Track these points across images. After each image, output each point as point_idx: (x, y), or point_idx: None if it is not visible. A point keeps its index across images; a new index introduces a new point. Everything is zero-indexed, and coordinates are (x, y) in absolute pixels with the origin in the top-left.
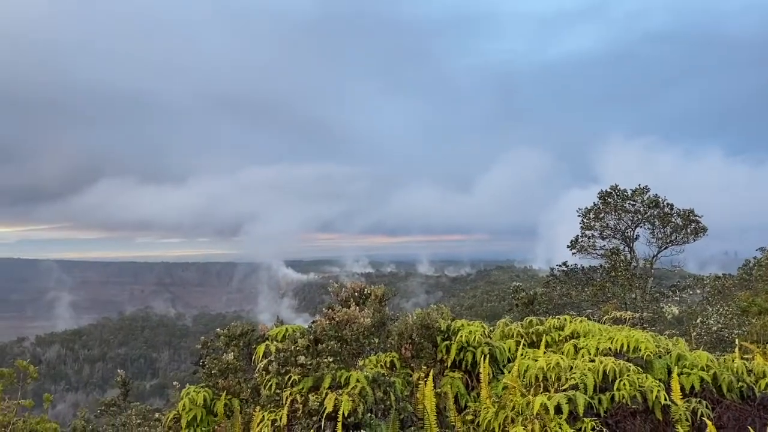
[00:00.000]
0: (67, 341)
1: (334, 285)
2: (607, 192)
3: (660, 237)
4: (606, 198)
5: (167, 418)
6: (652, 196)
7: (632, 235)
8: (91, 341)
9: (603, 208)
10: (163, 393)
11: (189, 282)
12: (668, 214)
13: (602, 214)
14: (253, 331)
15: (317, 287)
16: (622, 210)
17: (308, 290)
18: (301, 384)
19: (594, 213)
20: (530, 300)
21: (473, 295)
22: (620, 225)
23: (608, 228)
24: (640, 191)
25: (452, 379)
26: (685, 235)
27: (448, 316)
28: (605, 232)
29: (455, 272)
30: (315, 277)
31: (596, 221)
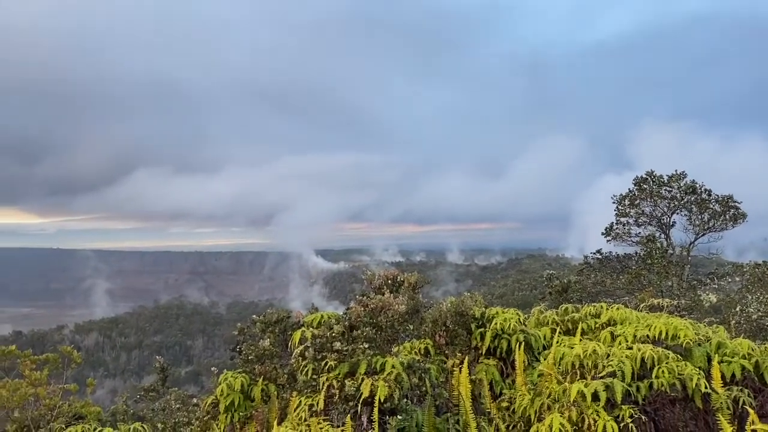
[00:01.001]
0: (105, 329)
1: (368, 272)
2: (643, 178)
3: (697, 224)
4: (641, 184)
5: (206, 403)
6: (689, 182)
7: (668, 221)
8: (127, 329)
9: (638, 195)
10: (198, 380)
11: (222, 271)
12: (706, 200)
13: (637, 200)
14: (289, 317)
15: (347, 276)
16: (658, 196)
17: (338, 279)
18: (338, 370)
19: (629, 199)
20: (564, 288)
21: (504, 283)
22: (656, 212)
23: (644, 215)
24: (676, 177)
25: (487, 366)
26: (724, 222)
27: (481, 303)
28: (641, 219)
29: (485, 261)
30: (345, 266)
31: (631, 208)
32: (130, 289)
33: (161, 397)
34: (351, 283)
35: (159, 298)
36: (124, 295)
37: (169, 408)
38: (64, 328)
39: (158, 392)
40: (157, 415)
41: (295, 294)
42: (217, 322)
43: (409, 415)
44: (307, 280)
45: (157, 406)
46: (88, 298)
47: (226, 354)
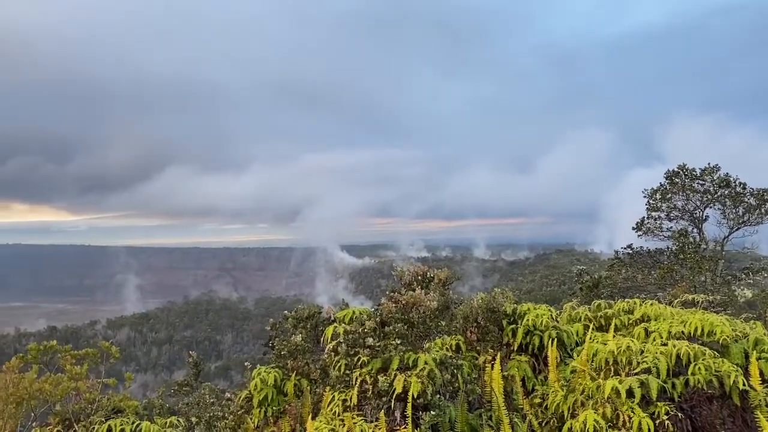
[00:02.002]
0: (136, 324)
1: (398, 269)
2: (675, 171)
3: (731, 218)
4: (673, 178)
5: (239, 398)
6: (723, 175)
7: (701, 216)
8: (158, 324)
9: (670, 189)
10: (227, 374)
11: (250, 267)
12: (740, 193)
13: (669, 194)
14: (320, 313)
15: (373, 271)
16: (691, 190)
17: (364, 274)
18: (370, 365)
19: (660, 193)
20: (594, 284)
21: (532, 279)
22: (688, 206)
23: (676, 209)
24: (709, 170)
25: (519, 362)
26: (759, 216)
27: (511, 299)
28: (672, 213)
29: (513, 256)
30: (371, 262)
31: (663, 202)
32: (160, 285)
33: (194, 391)
34: (377, 278)
35: (188, 293)
36: (154, 291)
37: (203, 402)
38: (97, 323)
39: (191, 386)
40: (191, 410)
41: (322, 289)
42: (245, 317)
43: (442, 410)
44: (333, 276)
45: (191, 400)
46: (120, 294)
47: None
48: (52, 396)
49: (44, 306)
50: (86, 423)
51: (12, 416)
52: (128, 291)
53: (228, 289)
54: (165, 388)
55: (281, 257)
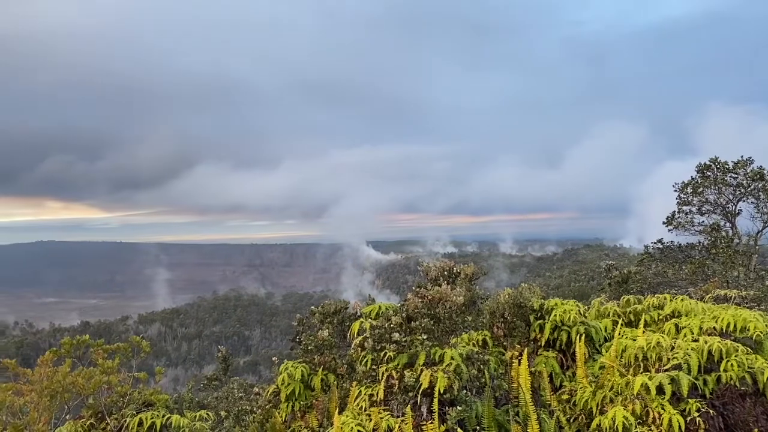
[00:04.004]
0: (166, 320)
1: (424, 264)
2: (706, 165)
3: (765, 212)
4: (705, 171)
5: (267, 392)
6: (757, 168)
7: (734, 210)
8: (187, 320)
9: (702, 182)
10: (256, 369)
11: (277, 263)
12: None
13: (701, 188)
14: (346, 309)
15: (399, 267)
16: (723, 183)
17: (391, 270)
18: (397, 360)
19: (692, 187)
20: (624, 279)
21: (560, 274)
22: (721, 199)
23: (707, 203)
24: (742, 163)
25: (546, 358)
26: None
27: (539, 295)
28: (704, 207)
29: (540, 251)
30: (397, 257)
31: (694, 196)
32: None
33: (223, 385)
34: (403, 274)
35: (217, 289)
36: (184, 287)
37: (232, 396)
38: (129, 318)
39: (221, 381)
40: (220, 404)
41: (348, 285)
42: (273, 312)
43: (469, 406)
44: (359, 272)
45: (220, 394)
46: (151, 289)
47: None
48: (85, 389)
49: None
50: (118, 416)
51: (47, 409)
52: (159, 286)
53: (256, 284)
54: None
55: (308, 253)
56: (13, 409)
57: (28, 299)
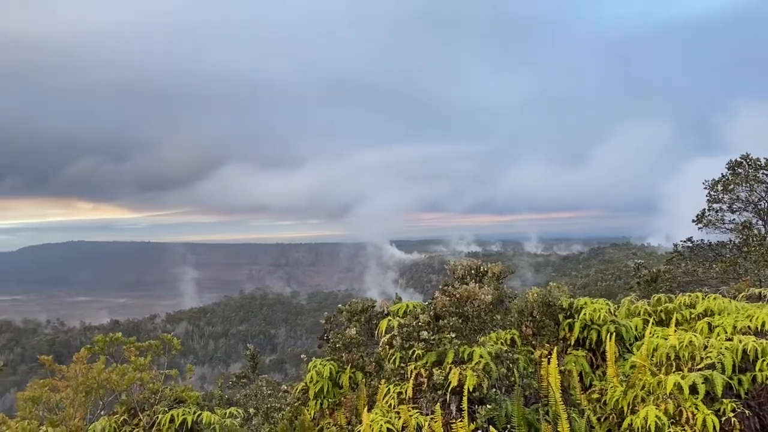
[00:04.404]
0: (194, 318)
1: (451, 262)
2: (737, 161)
3: None
4: (736, 168)
5: (296, 390)
6: None
7: (766, 207)
8: (214, 318)
9: (732, 179)
10: (282, 367)
11: (301, 262)
12: None
13: (732, 185)
14: (373, 307)
15: (423, 266)
16: (755, 180)
17: (414, 269)
18: (425, 358)
19: (722, 184)
20: (653, 278)
21: (586, 273)
22: (752, 197)
23: (738, 200)
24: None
25: (576, 357)
26: None
27: (567, 294)
28: (735, 205)
29: (566, 250)
30: (420, 257)
31: (725, 193)
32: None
33: (251, 383)
34: (427, 273)
35: (244, 288)
36: (210, 286)
37: (261, 394)
38: (157, 317)
39: (249, 379)
40: (249, 401)
41: (372, 284)
42: (298, 311)
43: (498, 404)
44: (383, 271)
45: (249, 391)
46: (178, 288)
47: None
48: (118, 386)
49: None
50: (150, 412)
51: (82, 404)
52: (186, 286)
53: (281, 283)
54: (224, 380)
55: (332, 252)
56: (50, 405)
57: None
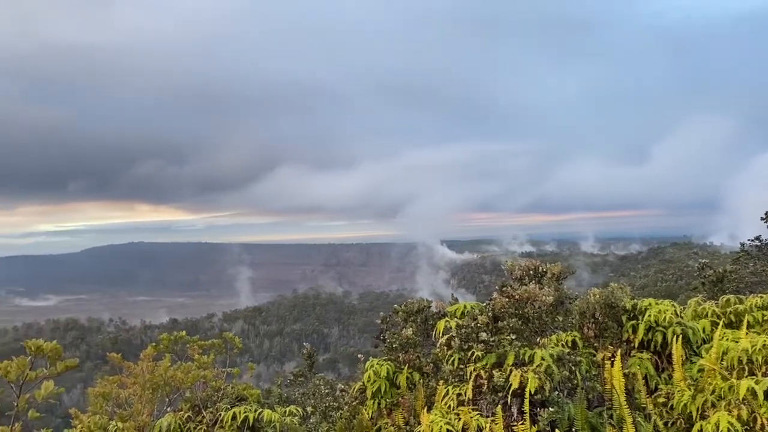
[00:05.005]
0: (249, 317)
1: (508, 263)
2: None
3: None
4: None
5: (353, 389)
6: None
7: None
8: (269, 317)
9: None
10: (335, 367)
11: (353, 262)
12: None
13: None
14: (429, 307)
15: (475, 266)
16: None
17: (466, 269)
18: (485, 360)
19: None
20: (719, 278)
21: (645, 274)
22: None
23: None
24: None
25: (640, 359)
26: None
27: (629, 294)
28: None
29: (624, 250)
30: (472, 257)
31: None
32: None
33: (308, 382)
34: (480, 273)
35: (297, 288)
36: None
37: (318, 393)
38: (214, 316)
39: (306, 377)
40: (307, 399)
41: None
42: (350, 311)
43: (561, 407)
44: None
45: (306, 390)
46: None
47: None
48: (182, 383)
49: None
50: (213, 410)
51: (149, 401)
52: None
53: (333, 283)
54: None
55: (383, 252)
56: (119, 401)
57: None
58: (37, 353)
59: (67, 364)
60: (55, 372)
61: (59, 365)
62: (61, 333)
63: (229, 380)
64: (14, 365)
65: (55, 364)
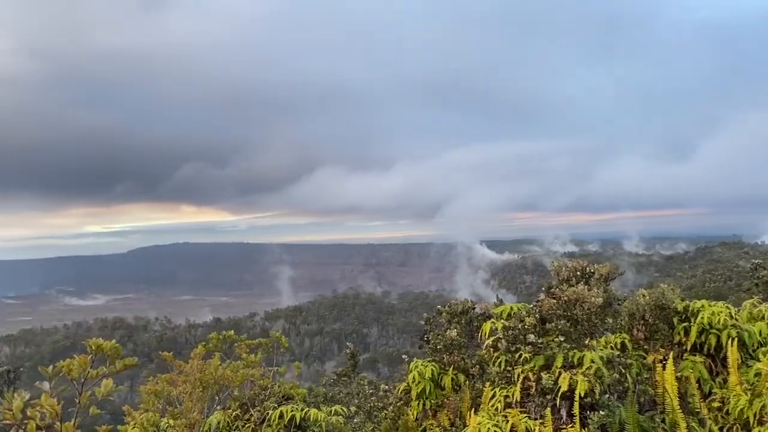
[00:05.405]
0: (290, 316)
1: (555, 263)
2: None
3: None
4: None
5: (398, 389)
6: None
7: None
8: (309, 317)
9: None
10: (375, 367)
11: (392, 262)
12: None
13: None
14: (473, 308)
15: (516, 267)
16: None
17: (507, 270)
18: (532, 362)
19: None
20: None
21: (693, 274)
22: None
23: None
24: None
25: (693, 363)
26: None
27: (679, 296)
28: None
29: (670, 250)
30: (513, 257)
31: None
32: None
33: (352, 382)
34: (521, 274)
35: (336, 287)
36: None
37: (363, 393)
38: (256, 315)
39: (349, 377)
40: (352, 399)
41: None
42: (390, 311)
43: (611, 411)
44: (473, 271)
45: (351, 390)
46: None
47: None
48: (231, 382)
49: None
50: (260, 408)
51: (200, 399)
52: (282, 285)
53: (372, 283)
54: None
55: (422, 252)
56: (170, 399)
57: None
58: (98, 352)
59: (126, 363)
60: (115, 370)
61: (118, 364)
62: (108, 331)
63: (275, 379)
64: (76, 363)
65: (114, 363)
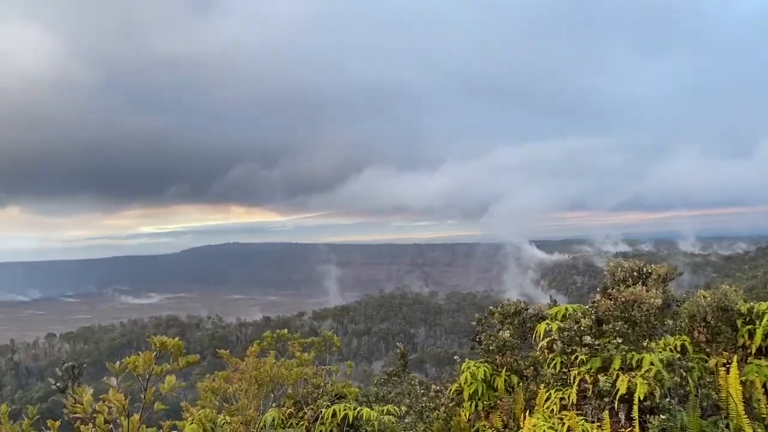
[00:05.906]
0: (337, 316)
1: (610, 264)
2: None
3: None
4: None
5: (450, 390)
6: None
7: None
8: (357, 316)
9: None
10: (422, 367)
11: (439, 262)
12: None
13: None
14: (527, 309)
15: (566, 267)
16: None
17: (557, 270)
18: (589, 364)
19: None
20: None
21: (753, 275)
22: None
23: None
24: None
25: (759, 366)
26: None
27: (741, 297)
28: None
29: (728, 249)
30: (563, 257)
31: None
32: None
33: (402, 381)
34: (572, 274)
35: (383, 287)
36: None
37: (414, 393)
38: (304, 314)
39: (399, 377)
40: (403, 399)
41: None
42: (437, 311)
43: (672, 415)
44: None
45: (402, 389)
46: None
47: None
48: (285, 380)
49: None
50: (314, 406)
51: (255, 396)
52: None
53: (419, 283)
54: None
55: (469, 252)
56: (226, 396)
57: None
58: (162, 349)
59: (189, 360)
60: (177, 367)
61: (181, 361)
62: (162, 329)
63: (328, 378)
64: (142, 360)
65: (177, 360)
